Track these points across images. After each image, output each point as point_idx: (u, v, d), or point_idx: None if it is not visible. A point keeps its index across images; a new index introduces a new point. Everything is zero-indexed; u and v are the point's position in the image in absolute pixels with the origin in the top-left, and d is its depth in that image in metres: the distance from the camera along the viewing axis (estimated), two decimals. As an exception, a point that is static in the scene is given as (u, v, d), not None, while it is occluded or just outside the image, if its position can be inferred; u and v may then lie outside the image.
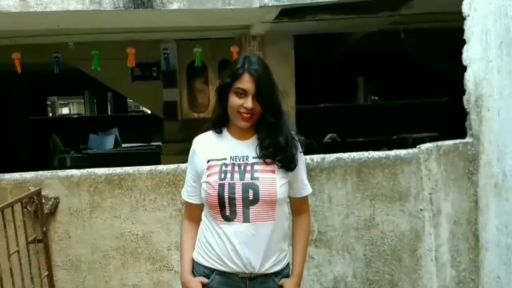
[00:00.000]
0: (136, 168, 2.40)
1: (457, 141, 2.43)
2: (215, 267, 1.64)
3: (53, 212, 2.30)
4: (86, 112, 18.68)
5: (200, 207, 1.72)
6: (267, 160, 1.62)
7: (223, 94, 1.63)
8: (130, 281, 2.37)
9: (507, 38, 2.06)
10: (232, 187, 1.57)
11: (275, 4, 3.80)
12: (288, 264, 1.71)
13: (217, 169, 1.61)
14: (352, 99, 13.31)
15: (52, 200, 2.27)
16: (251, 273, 1.61)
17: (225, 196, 1.57)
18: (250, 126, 1.63)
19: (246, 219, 1.58)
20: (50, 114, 20.99)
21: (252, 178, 1.59)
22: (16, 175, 2.34)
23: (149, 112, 17.55)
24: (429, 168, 2.41)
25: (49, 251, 2.27)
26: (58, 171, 2.39)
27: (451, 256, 2.41)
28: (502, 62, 2.10)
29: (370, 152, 2.47)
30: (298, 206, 1.75)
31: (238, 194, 1.57)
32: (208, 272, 1.66)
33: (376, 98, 15.23)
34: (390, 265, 2.45)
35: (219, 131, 1.68)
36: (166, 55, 6.94)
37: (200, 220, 1.72)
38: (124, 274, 2.37)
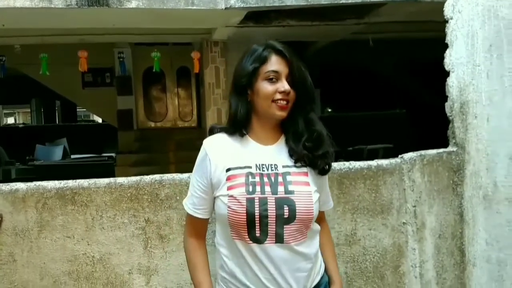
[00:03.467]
0: (92, 180, 2.12)
1: (441, 150, 2.31)
2: None
3: (-6, 232, 1.98)
4: (33, 121, 17.84)
5: (206, 222, 1.47)
6: (299, 169, 1.39)
7: (244, 86, 1.38)
8: (85, 311, 2.08)
9: (497, 40, 1.95)
10: (263, 202, 1.33)
11: (242, 5, 3.62)
12: (325, 272, 1.51)
13: (241, 180, 1.35)
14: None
15: (-7, 218, 1.96)
16: None
17: (256, 214, 1.32)
18: (277, 125, 1.43)
19: (279, 240, 1.34)
20: (-7, 124, 19.94)
21: (286, 192, 1.35)
22: (-49, 190, 2.00)
23: (100, 121, 16.98)
24: (412, 179, 2.27)
25: (-12, 278, 1.95)
26: (2, 184, 2.07)
27: (436, 273, 2.27)
28: (492, 66, 2.00)
29: (351, 162, 2.30)
30: (319, 217, 1.52)
31: (272, 211, 1.33)
32: None
33: (330, 110, 15.38)
34: (372, 283, 2.29)
35: (242, 135, 1.42)
36: (121, 60, 6.64)
37: (205, 237, 1.47)
38: (78, 303, 2.08)
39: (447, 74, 2.35)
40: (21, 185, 2.06)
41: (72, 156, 12.28)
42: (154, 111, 8.48)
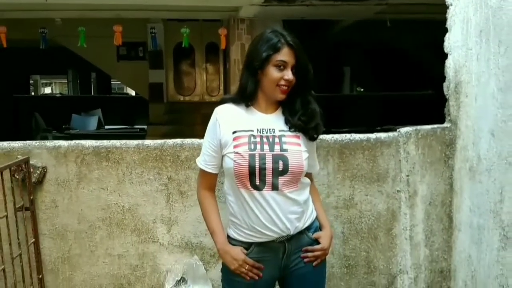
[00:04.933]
0: (123, 141, 2.44)
1: (435, 126, 2.52)
2: (253, 241, 1.70)
3: (40, 181, 2.33)
4: (69, 91, 18.46)
5: (216, 176, 1.78)
6: (293, 133, 1.68)
7: (256, 68, 1.66)
8: (115, 251, 2.43)
9: (486, 27, 2.14)
10: (262, 157, 1.64)
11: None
12: (316, 218, 1.81)
13: (245, 140, 1.66)
14: (338, 89, 13.42)
15: (40, 169, 2.31)
16: (287, 235, 1.70)
17: (256, 166, 1.63)
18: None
19: (275, 188, 1.65)
20: (33, 93, 20.69)
21: (281, 149, 1.66)
22: (4, 144, 2.36)
23: (133, 94, 17.42)
24: (407, 151, 2.50)
25: (36, 219, 2.31)
26: (46, 141, 2.42)
27: (425, 236, 2.51)
28: (481, 50, 2.19)
29: (352, 134, 2.55)
30: (309, 178, 1.83)
31: (269, 165, 1.64)
32: (246, 245, 1.72)
33: (362, 89, 15.35)
34: (366, 242, 2.55)
35: (248, 105, 1.72)
36: (153, 35, 6.95)
37: (215, 190, 1.79)
38: (110, 245, 2.43)
39: (446, 56, 2.55)
40: (63, 143, 2.41)
41: (106, 127, 12.75)
42: (183, 85, 8.78)
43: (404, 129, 2.51)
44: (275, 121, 1.72)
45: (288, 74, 1.65)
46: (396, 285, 2.55)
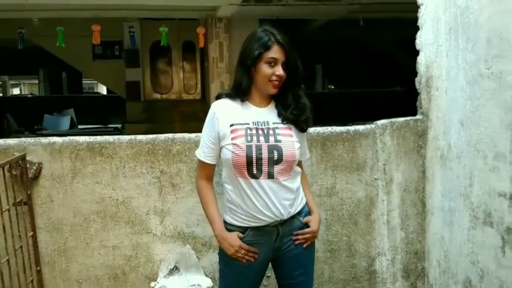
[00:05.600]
0: (116, 137, 2.54)
1: (409, 118, 2.71)
2: (249, 225, 1.84)
3: (36, 176, 2.41)
4: (41, 92, 18.15)
5: (214, 167, 1.90)
6: (285, 125, 1.83)
7: (249, 65, 1.80)
8: (110, 243, 2.53)
9: (455, 25, 2.33)
10: (259, 148, 1.77)
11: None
12: (306, 203, 1.96)
13: (242, 132, 1.79)
14: (310, 86, 13.66)
15: (36, 165, 2.39)
16: (280, 219, 1.84)
17: (253, 156, 1.76)
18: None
19: (270, 176, 1.79)
20: (1, 94, 20.26)
21: (276, 140, 1.80)
22: (0, 141, 2.43)
23: (105, 93, 17.24)
24: (383, 142, 2.68)
25: (33, 213, 2.39)
26: (41, 138, 2.49)
27: (401, 220, 2.70)
28: (450, 46, 2.38)
29: (333, 127, 2.71)
30: (298, 164, 1.97)
31: (265, 155, 1.77)
32: (242, 230, 1.85)
33: (332, 87, 15.63)
34: (347, 228, 2.72)
35: (243, 100, 1.85)
36: (131, 34, 6.98)
37: (213, 180, 1.91)
38: (105, 236, 2.53)
39: (417, 53, 2.74)
40: (57, 139, 2.49)
41: (79, 126, 12.62)
42: (160, 83, 8.83)
43: (380, 122, 2.70)
44: (268, 114, 1.86)
45: (279, 70, 1.79)
46: (375, 267, 2.73)
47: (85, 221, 2.52)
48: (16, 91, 26.41)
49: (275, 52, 1.79)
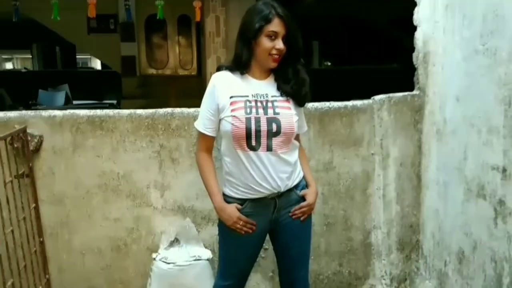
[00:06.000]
0: (116, 111, 2.57)
1: (406, 93, 2.75)
2: (247, 197, 1.87)
3: (37, 149, 2.44)
4: (34, 67, 17.95)
5: (213, 139, 1.93)
6: (284, 97, 1.85)
7: (250, 38, 1.81)
8: (112, 215, 2.58)
9: (451, 1, 2.35)
10: (257, 120, 1.80)
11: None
12: (303, 177, 2.00)
13: (241, 104, 1.81)
14: (307, 63, 13.59)
15: (37, 138, 2.41)
16: (278, 192, 1.88)
17: (252, 129, 1.79)
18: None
19: (269, 148, 1.82)
20: (-7, 69, 20.03)
21: (274, 113, 1.82)
22: (1, 114, 2.45)
23: (99, 68, 17.09)
24: (381, 117, 2.72)
25: (35, 185, 2.43)
26: (41, 111, 2.52)
27: (397, 194, 2.76)
28: (447, 23, 2.40)
29: (331, 102, 2.74)
30: (296, 138, 2.00)
31: (264, 127, 1.80)
32: (241, 202, 1.89)
33: (329, 63, 15.55)
34: (344, 202, 2.77)
35: (243, 73, 1.87)
36: (127, 7, 6.90)
37: (212, 152, 1.93)
38: (106, 209, 2.57)
39: (414, 30, 2.76)
40: (58, 112, 2.51)
41: (74, 102, 12.54)
42: (156, 58, 8.80)
43: (378, 97, 2.73)
44: (267, 87, 1.89)
45: (279, 44, 1.81)
46: (370, 240, 2.80)
47: (87, 194, 2.56)
48: (8, 66, 26.13)
49: (275, 25, 1.80)
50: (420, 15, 2.67)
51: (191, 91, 7.44)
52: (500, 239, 2.04)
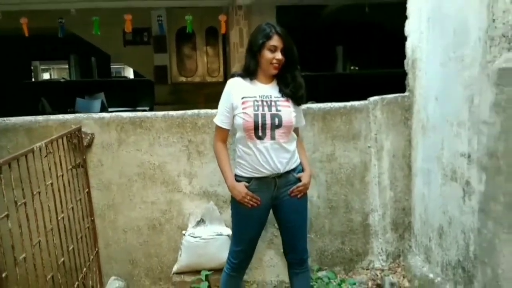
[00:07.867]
0: (152, 113, 3.10)
1: (397, 95, 3.18)
2: (253, 176, 2.35)
3: (90, 145, 2.99)
4: (71, 76, 18.89)
5: (228, 131, 2.41)
6: (284, 98, 2.33)
7: (255, 52, 2.31)
8: (149, 199, 3.10)
9: (433, 14, 2.78)
10: (263, 116, 2.28)
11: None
12: (300, 163, 2.45)
13: (251, 103, 2.30)
14: (331, 68, 13.95)
15: (89, 135, 2.96)
16: (277, 173, 2.35)
17: (259, 122, 2.28)
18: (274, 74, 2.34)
19: (272, 138, 2.31)
20: (33, 79, 21.05)
21: (277, 110, 2.31)
22: (60, 117, 3.01)
23: (131, 77, 17.80)
24: (375, 115, 3.16)
25: (87, 174, 2.98)
26: (92, 114, 3.07)
27: (390, 182, 3.19)
28: (429, 34, 2.83)
29: (332, 103, 3.20)
30: (296, 131, 2.46)
31: (268, 121, 2.28)
32: (248, 180, 2.37)
33: (356, 68, 15.80)
34: (345, 188, 3.22)
35: (252, 79, 2.37)
36: (160, 22, 7.51)
37: (226, 142, 2.42)
38: (144, 194, 3.10)
39: (405, 39, 3.19)
40: (106, 115, 3.05)
41: (110, 109, 13.24)
42: (186, 67, 9.40)
43: (372, 98, 3.17)
44: (271, 90, 2.38)
45: (278, 55, 2.31)
46: (368, 221, 3.24)
47: (129, 181, 3.09)
48: (46, 76, 27.24)
49: (275, 41, 2.29)
50: (410, 26, 3.11)
51: (218, 96, 7.93)
52: (467, 213, 2.44)
